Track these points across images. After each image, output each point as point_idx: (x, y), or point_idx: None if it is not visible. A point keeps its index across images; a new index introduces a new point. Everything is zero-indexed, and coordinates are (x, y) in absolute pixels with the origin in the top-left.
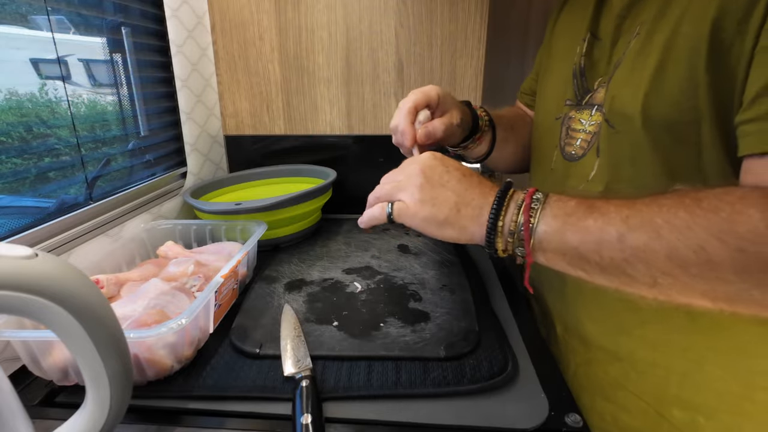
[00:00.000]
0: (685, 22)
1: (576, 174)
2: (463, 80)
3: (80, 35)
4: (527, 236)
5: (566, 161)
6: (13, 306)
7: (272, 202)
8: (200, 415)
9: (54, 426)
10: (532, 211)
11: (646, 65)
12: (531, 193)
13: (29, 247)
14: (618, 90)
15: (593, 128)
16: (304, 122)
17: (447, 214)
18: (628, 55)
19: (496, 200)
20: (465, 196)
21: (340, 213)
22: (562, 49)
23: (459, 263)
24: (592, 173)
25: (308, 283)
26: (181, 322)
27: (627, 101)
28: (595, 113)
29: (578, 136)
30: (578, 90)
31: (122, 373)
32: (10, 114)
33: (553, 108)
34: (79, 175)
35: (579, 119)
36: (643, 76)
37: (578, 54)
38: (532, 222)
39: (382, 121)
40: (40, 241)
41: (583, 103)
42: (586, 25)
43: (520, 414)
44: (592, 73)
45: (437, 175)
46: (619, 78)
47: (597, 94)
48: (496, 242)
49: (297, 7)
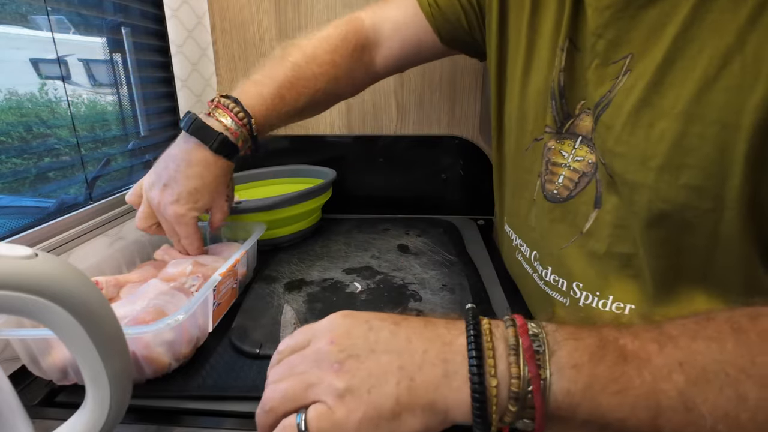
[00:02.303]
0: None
1: (564, 219)
2: (463, 80)
3: (80, 35)
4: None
5: (548, 201)
6: (13, 306)
7: (272, 202)
8: (200, 415)
9: (54, 426)
10: (537, 359)
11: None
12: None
13: (29, 247)
14: (615, 146)
15: (581, 166)
16: (304, 122)
17: (396, 394)
18: (618, 95)
19: (471, 340)
20: (412, 351)
21: (340, 213)
22: (528, 43)
23: (459, 263)
24: (586, 225)
25: (308, 283)
26: (178, 318)
27: (631, 167)
28: (579, 146)
29: (560, 172)
30: (557, 114)
31: (122, 372)
32: (10, 114)
33: (530, 124)
34: (79, 175)
35: (560, 151)
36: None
37: (556, 68)
38: (543, 376)
39: (382, 121)
40: (40, 241)
41: (563, 130)
42: (564, 27)
43: None
44: (572, 93)
45: (359, 339)
46: (614, 127)
47: (580, 122)
48: (490, 412)
49: (297, 7)
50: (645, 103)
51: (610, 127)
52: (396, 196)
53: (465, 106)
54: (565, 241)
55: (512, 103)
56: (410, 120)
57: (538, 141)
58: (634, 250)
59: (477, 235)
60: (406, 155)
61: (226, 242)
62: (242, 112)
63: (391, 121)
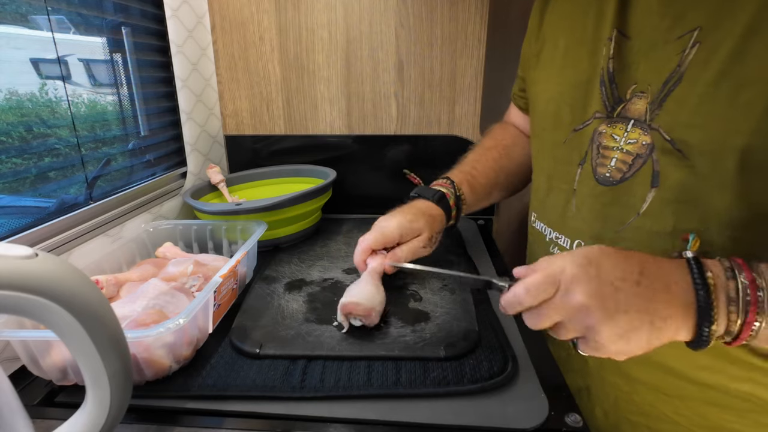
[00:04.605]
0: None
1: (617, 202)
2: (463, 80)
3: (80, 35)
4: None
5: (600, 185)
6: (13, 306)
7: (272, 202)
8: (200, 414)
9: (54, 426)
10: (759, 306)
11: (746, 96)
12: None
13: (29, 247)
14: (691, 118)
15: (634, 148)
16: (304, 122)
17: (648, 339)
18: (691, 69)
19: (701, 300)
20: (655, 310)
21: (340, 213)
22: (566, 46)
23: (459, 263)
24: (644, 206)
25: (308, 283)
26: (179, 322)
27: (714, 136)
28: (632, 129)
29: (612, 155)
30: (607, 99)
31: (122, 372)
32: (10, 114)
33: (566, 117)
34: (79, 175)
35: (611, 135)
36: (745, 110)
37: (605, 56)
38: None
39: (382, 121)
40: (40, 241)
41: (614, 115)
42: (609, 20)
43: (520, 414)
44: (622, 78)
45: (609, 300)
46: (688, 100)
47: (632, 105)
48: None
49: (297, 6)
50: (726, 74)
51: (684, 100)
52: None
53: (465, 106)
54: (620, 225)
55: (546, 100)
56: (410, 120)
57: (577, 131)
58: (704, 226)
59: (477, 234)
60: (406, 155)
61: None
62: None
63: (391, 121)
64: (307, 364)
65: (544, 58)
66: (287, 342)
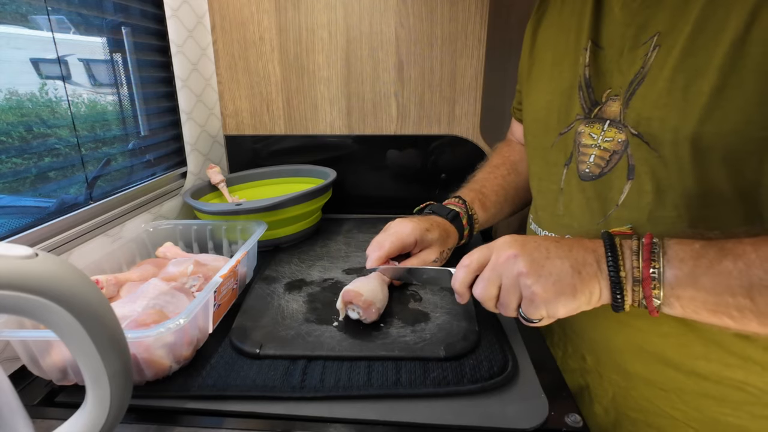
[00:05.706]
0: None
1: (598, 196)
2: (463, 80)
3: (80, 35)
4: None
5: (582, 181)
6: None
7: (272, 202)
8: (200, 414)
9: (54, 426)
10: (653, 255)
11: (696, 86)
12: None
13: (29, 247)
14: (652, 111)
15: (611, 146)
16: (304, 122)
17: (573, 282)
18: (652, 69)
19: (608, 249)
20: (575, 257)
21: (340, 213)
22: (553, 60)
23: None
24: (621, 197)
25: (308, 283)
26: (179, 322)
27: (670, 125)
28: (608, 128)
29: (590, 152)
30: (585, 102)
31: (122, 372)
32: (10, 114)
33: (554, 123)
34: (79, 175)
35: (589, 134)
36: (693, 99)
37: (581, 64)
38: (656, 266)
39: (382, 121)
40: (40, 241)
41: (592, 116)
42: (585, 34)
43: (520, 414)
44: (598, 83)
45: (535, 251)
46: (649, 96)
47: (608, 108)
48: (625, 296)
49: (297, 6)
50: (679, 69)
51: (645, 97)
52: (396, 195)
53: (465, 106)
54: (601, 216)
55: (537, 109)
56: (410, 120)
57: (562, 135)
58: (676, 213)
59: (477, 235)
60: (405, 155)
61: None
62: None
63: (391, 121)
64: (307, 365)
65: (535, 72)
66: (287, 342)
